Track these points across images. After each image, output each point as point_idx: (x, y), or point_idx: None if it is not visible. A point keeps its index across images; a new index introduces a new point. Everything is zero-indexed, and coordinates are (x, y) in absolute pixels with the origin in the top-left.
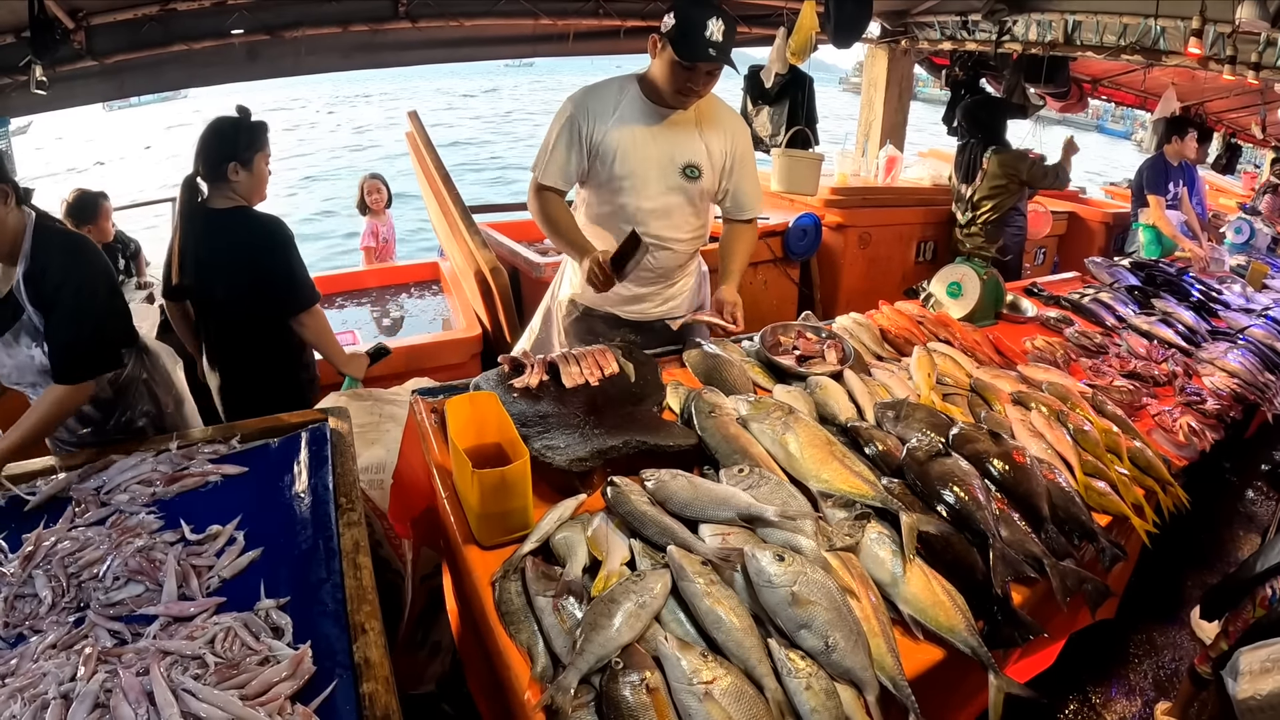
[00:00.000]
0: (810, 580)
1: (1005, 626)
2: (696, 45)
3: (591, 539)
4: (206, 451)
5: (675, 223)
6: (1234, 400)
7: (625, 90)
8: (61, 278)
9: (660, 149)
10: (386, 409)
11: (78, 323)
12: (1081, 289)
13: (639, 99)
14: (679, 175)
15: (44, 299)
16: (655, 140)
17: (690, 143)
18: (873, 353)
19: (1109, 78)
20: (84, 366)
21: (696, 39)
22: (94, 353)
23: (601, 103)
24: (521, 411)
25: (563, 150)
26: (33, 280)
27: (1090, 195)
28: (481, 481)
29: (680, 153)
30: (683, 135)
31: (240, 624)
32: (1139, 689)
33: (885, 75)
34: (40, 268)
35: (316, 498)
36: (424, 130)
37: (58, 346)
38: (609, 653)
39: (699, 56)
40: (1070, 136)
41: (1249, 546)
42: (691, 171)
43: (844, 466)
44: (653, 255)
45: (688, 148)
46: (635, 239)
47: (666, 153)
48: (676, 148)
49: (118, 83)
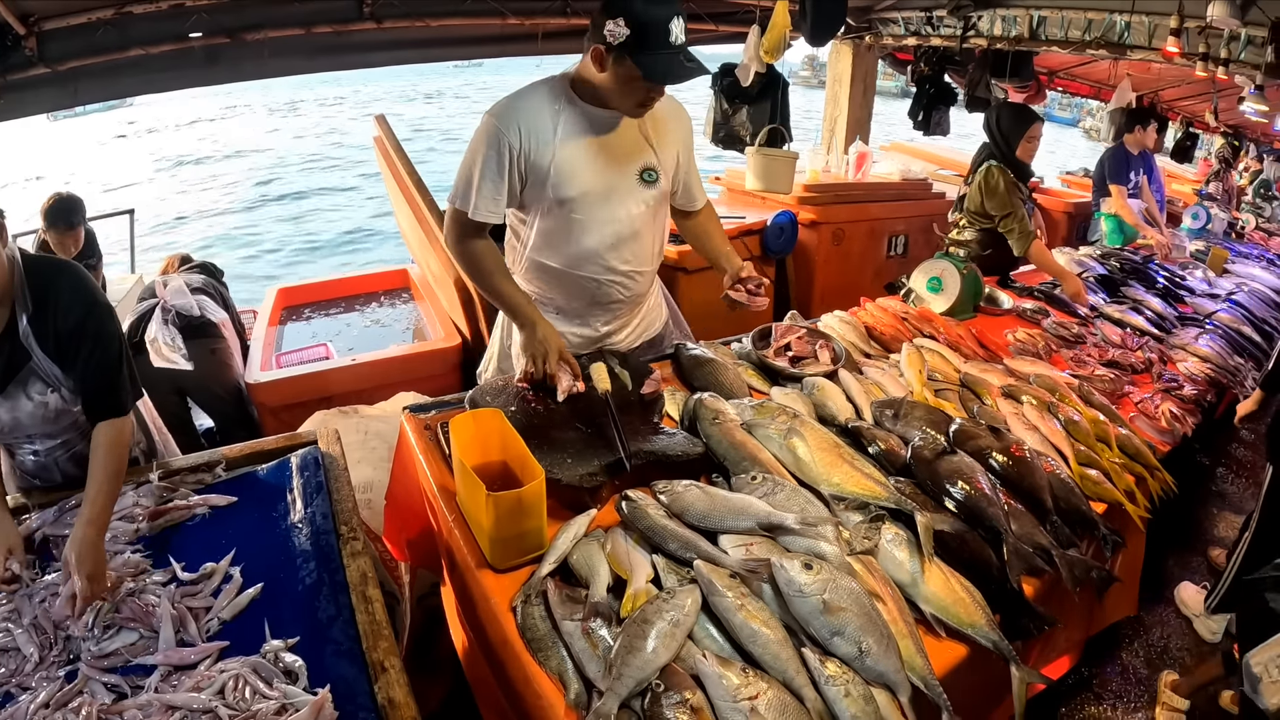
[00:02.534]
0: (839, 587)
1: (1021, 619)
2: (669, 62)
3: (612, 556)
4: (190, 482)
5: (642, 244)
6: (1208, 385)
7: (559, 97)
8: (80, 313)
9: (612, 158)
10: (373, 425)
11: (109, 351)
12: (1051, 279)
13: (577, 106)
14: (638, 183)
15: (63, 340)
16: (605, 151)
17: (640, 144)
18: (861, 351)
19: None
20: (130, 392)
21: (665, 50)
22: (131, 376)
23: (535, 116)
24: (521, 427)
25: (492, 178)
26: (43, 323)
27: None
28: (497, 504)
29: (634, 157)
30: (632, 136)
31: (249, 669)
32: (1132, 667)
33: (850, 71)
34: (49, 309)
35: (315, 527)
36: (393, 134)
37: (105, 380)
38: (648, 675)
39: (678, 76)
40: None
41: (1224, 525)
42: (649, 175)
43: (854, 469)
44: (625, 284)
45: (638, 150)
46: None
47: (619, 161)
48: (629, 153)
49: (71, 90)
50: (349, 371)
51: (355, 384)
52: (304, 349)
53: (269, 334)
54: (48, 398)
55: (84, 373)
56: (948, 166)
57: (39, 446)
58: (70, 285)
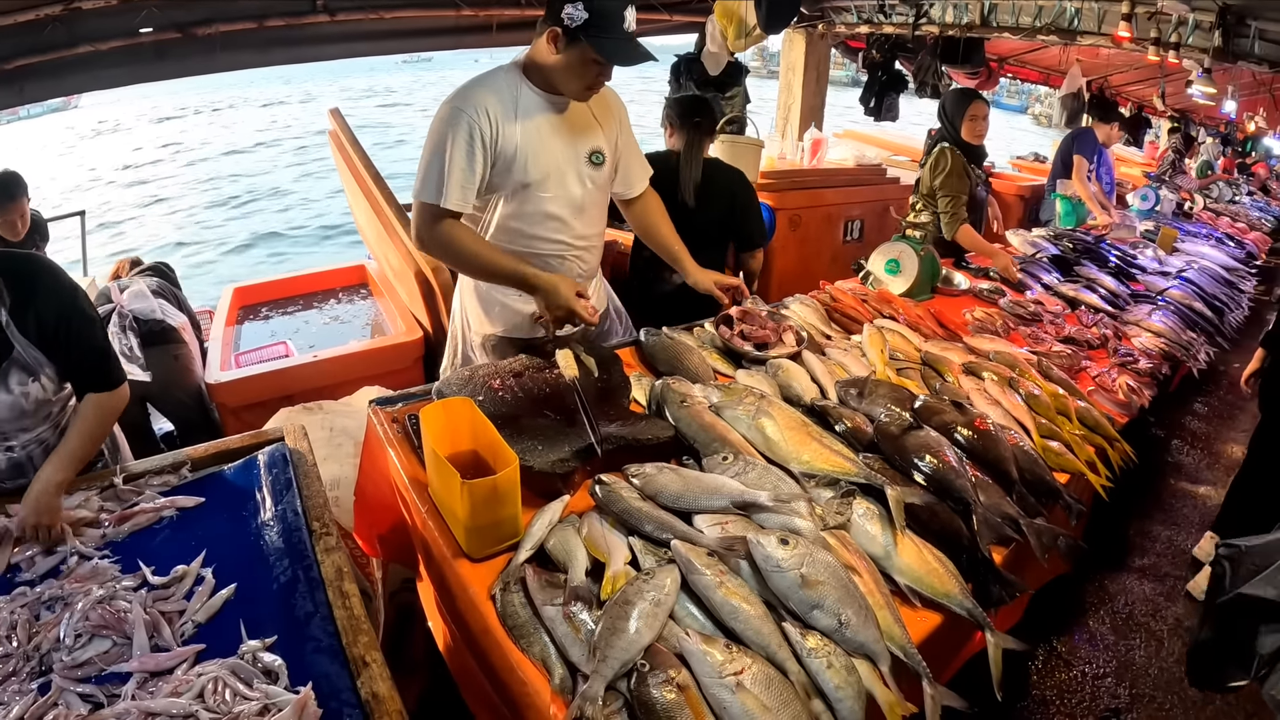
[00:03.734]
0: (816, 561)
1: (992, 586)
2: (624, 45)
3: (589, 540)
4: (156, 484)
5: (593, 218)
6: (1162, 358)
7: (511, 83)
8: (64, 299)
9: (565, 141)
10: (339, 422)
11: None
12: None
13: (532, 91)
14: (587, 164)
15: (47, 328)
16: (559, 133)
17: (589, 127)
18: (822, 332)
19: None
20: (119, 368)
21: (619, 34)
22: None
23: (498, 100)
24: (489, 416)
25: (463, 164)
26: (23, 314)
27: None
28: (472, 492)
29: (583, 140)
30: (581, 121)
31: (228, 671)
32: (1098, 634)
33: (804, 59)
34: (28, 300)
35: (286, 524)
36: (348, 128)
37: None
38: (632, 656)
39: (633, 58)
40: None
41: (1181, 495)
42: (597, 157)
43: (823, 446)
44: (583, 259)
45: (588, 133)
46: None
47: (571, 144)
48: (579, 136)
49: (17, 89)
50: (310, 369)
51: (317, 381)
52: (263, 348)
53: (227, 334)
54: (29, 387)
55: (73, 354)
56: (900, 152)
57: (14, 443)
58: (47, 273)
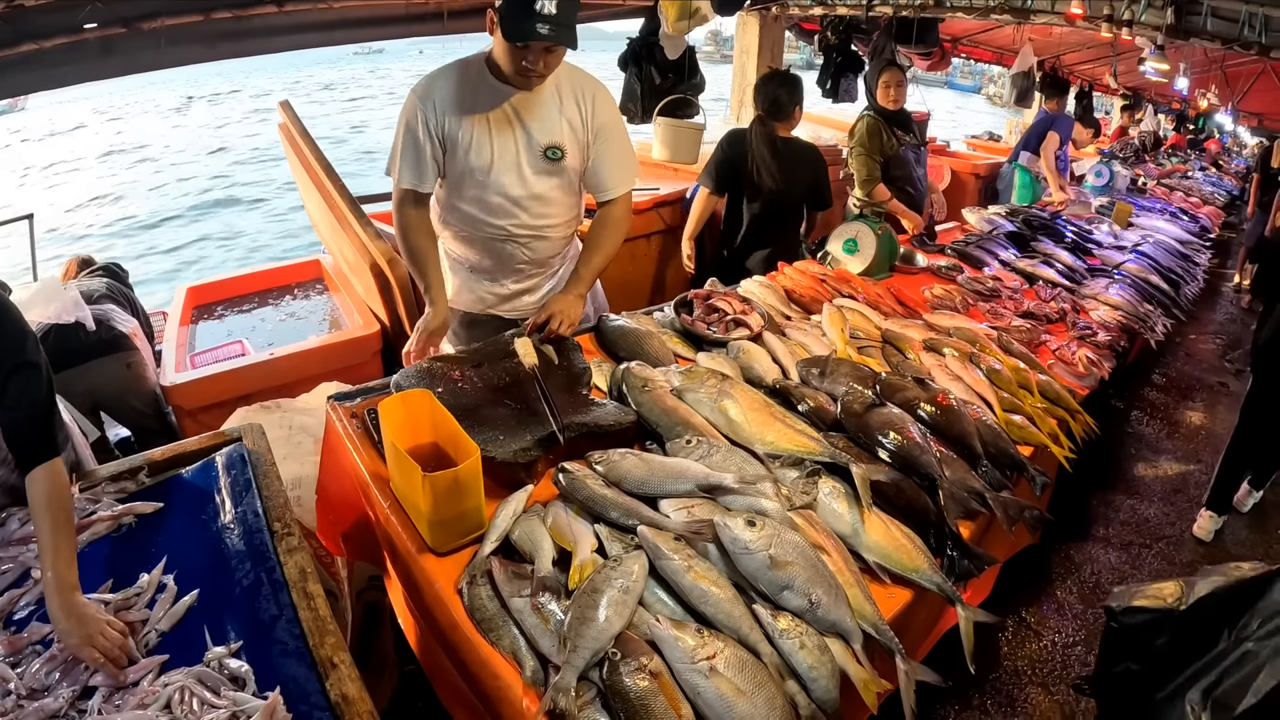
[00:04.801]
0: (785, 541)
1: (961, 560)
2: (525, 23)
3: (554, 529)
4: (113, 491)
5: (549, 209)
6: (1121, 331)
7: (471, 73)
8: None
9: (520, 132)
10: (297, 420)
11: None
12: (964, 237)
13: (488, 81)
14: (542, 158)
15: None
16: (511, 124)
17: (550, 121)
18: (781, 313)
19: (969, 36)
20: (62, 427)
21: (526, 16)
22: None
23: (447, 90)
24: (449, 407)
25: (412, 148)
26: None
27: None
28: (434, 485)
29: (540, 134)
30: (541, 114)
31: (194, 680)
32: (1066, 604)
33: (757, 42)
34: None
35: (247, 526)
36: (298, 121)
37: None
38: (603, 645)
39: (528, 36)
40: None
41: (1143, 464)
42: (553, 153)
43: (787, 426)
44: (528, 247)
45: (548, 128)
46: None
47: (527, 135)
48: (536, 129)
49: None
50: (267, 367)
51: (275, 379)
52: (218, 347)
53: (181, 334)
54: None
55: (13, 415)
56: None
57: None
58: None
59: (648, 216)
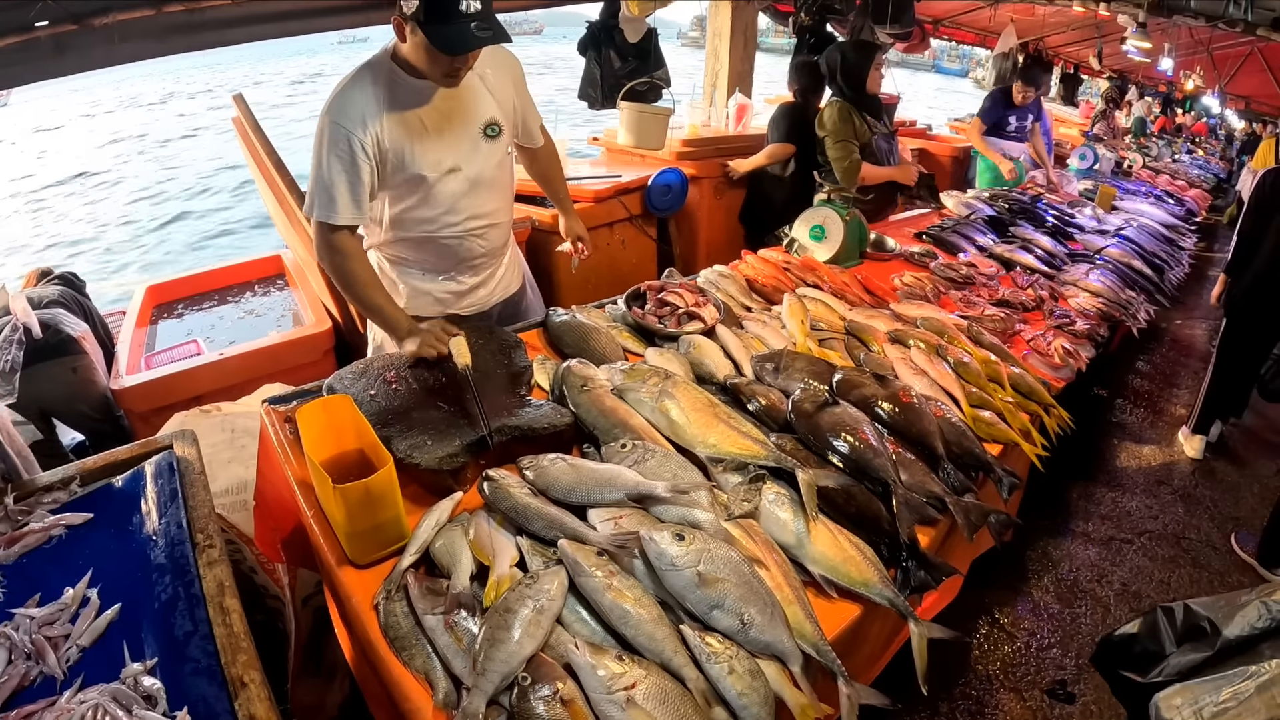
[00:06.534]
0: (715, 557)
1: (918, 571)
2: (455, 29)
3: (474, 542)
4: (47, 501)
5: (495, 193)
6: (1101, 319)
7: (382, 78)
8: None
9: (456, 121)
10: (240, 423)
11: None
12: (940, 222)
13: (404, 80)
14: (482, 139)
15: None
16: (447, 116)
17: (480, 100)
18: (741, 304)
19: (950, 18)
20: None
21: (451, 19)
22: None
23: (364, 104)
24: (380, 410)
25: (343, 177)
26: None
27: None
28: (345, 497)
29: (475, 114)
30: (470, 96)
31: (109, 698)
32: (1042, 603)
33: (730, 25)
34: None
35: (170, 538)
36: (251, 115)
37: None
38: (513, 668)
39: (468, 44)
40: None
41: (1126, 455)
42: (492, 130)
43: (730, 428)
44: (482, 239)
45: (480, 107)
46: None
47: (462, 122)
48: (470, 111)
49: None
50: (216, 368)
51: (225, 380)
52: (174, 348)
53: (137, 335)
54: None
55: None
56: None
57: None
58: None
59: (610, 205)
